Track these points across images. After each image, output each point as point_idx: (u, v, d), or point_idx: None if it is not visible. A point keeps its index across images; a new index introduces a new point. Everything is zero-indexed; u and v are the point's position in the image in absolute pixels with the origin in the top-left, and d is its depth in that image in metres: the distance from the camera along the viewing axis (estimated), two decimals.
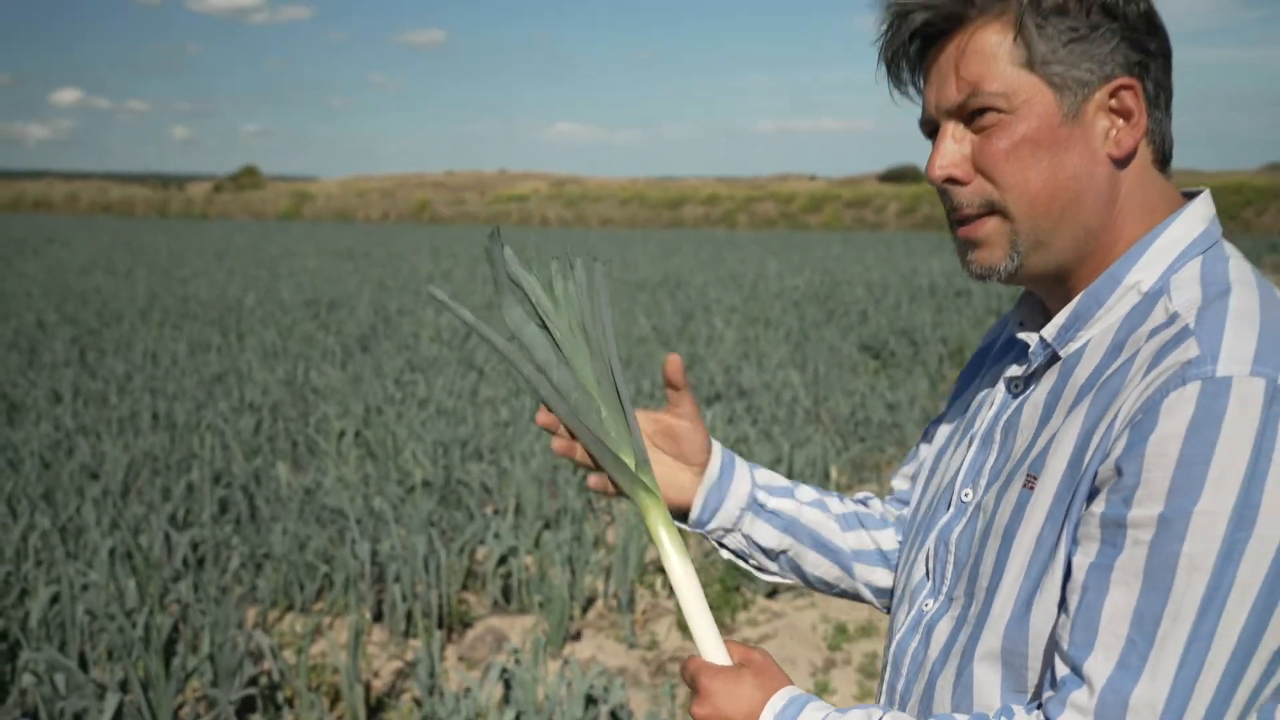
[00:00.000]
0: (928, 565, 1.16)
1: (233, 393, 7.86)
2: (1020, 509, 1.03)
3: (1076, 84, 1.01)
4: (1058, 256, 1.04)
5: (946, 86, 1.05)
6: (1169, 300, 0.99)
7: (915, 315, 12.40)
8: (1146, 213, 1.05)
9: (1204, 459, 0.88)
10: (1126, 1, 1.01)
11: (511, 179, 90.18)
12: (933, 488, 1.22)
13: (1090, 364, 1.03)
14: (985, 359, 1.28)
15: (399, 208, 72.46)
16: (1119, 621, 0.91)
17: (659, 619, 4.61)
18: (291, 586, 4.51)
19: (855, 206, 58.18)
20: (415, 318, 12.60)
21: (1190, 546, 0.88)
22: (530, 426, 6.83)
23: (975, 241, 1.06)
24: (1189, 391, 0.90)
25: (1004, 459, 1.09)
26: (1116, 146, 1.02)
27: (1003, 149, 1.02)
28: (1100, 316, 1.04)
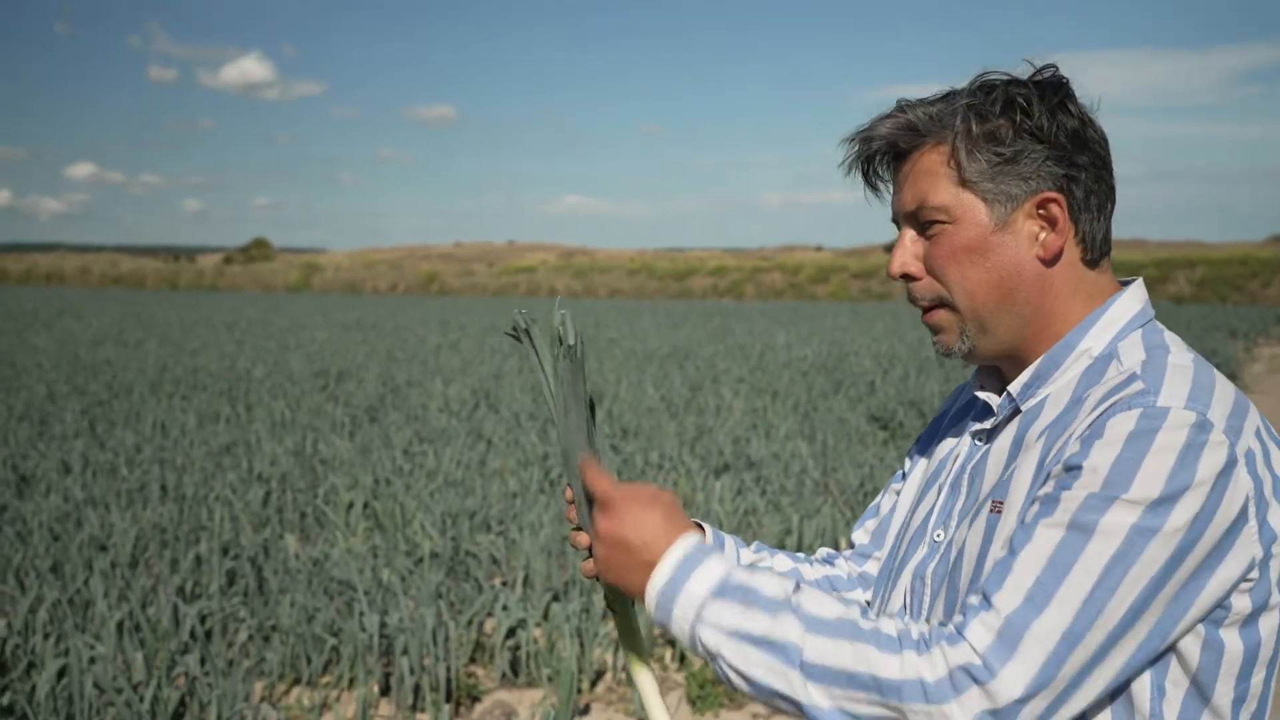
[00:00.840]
0: (905, 600, 1.30)
1: (241, 464, 7.87)
2: (990, 532, 1.18)
3: (1005, 198, 1.20)
4: (1001, 339, 1.25)
5: (904, 198, 1.26)
6: (1119, 363, 1.18)
7: (923, 386, 12.42)
8: (1087, 298, 1.24)
9: (1137, 461, 1.05)
10: (1053, 125, 1.19)
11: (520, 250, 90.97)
12: (907, 533, 1.36)
13: (1050, 414, 1.21)
14: (942, 423, 1.47)
15: (407, 279, 73.00)
16: (1033, 564, 1.06)
17: (669, 693, 4.57)
18: (299, 659, 4.48)
19: (862, 277, 58.47)
20: (423, 389, 12.64)
21: (1110, 518, 1.05)
22: (538, 498, 6.82)
23: (934, 327, 1.28)
24: (1131, 415, 1.08)
25: (972, 500, 1.25)
26: (1044, 249, 1.21)
27: (945, 253, 1.23)
28: (1057, 376, 1.23)
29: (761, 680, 1.09)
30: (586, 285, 65.97)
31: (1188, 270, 51.56)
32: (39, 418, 10.11)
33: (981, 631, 1.04)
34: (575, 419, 1.25)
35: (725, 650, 1.11)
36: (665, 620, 1.14)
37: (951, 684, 1.03)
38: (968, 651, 1.03)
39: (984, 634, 1.04)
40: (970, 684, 1.02)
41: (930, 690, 1.03)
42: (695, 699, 4.41)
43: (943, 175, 1.22)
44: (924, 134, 1.24)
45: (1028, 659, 1.02)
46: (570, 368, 1.25)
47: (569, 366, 1.25)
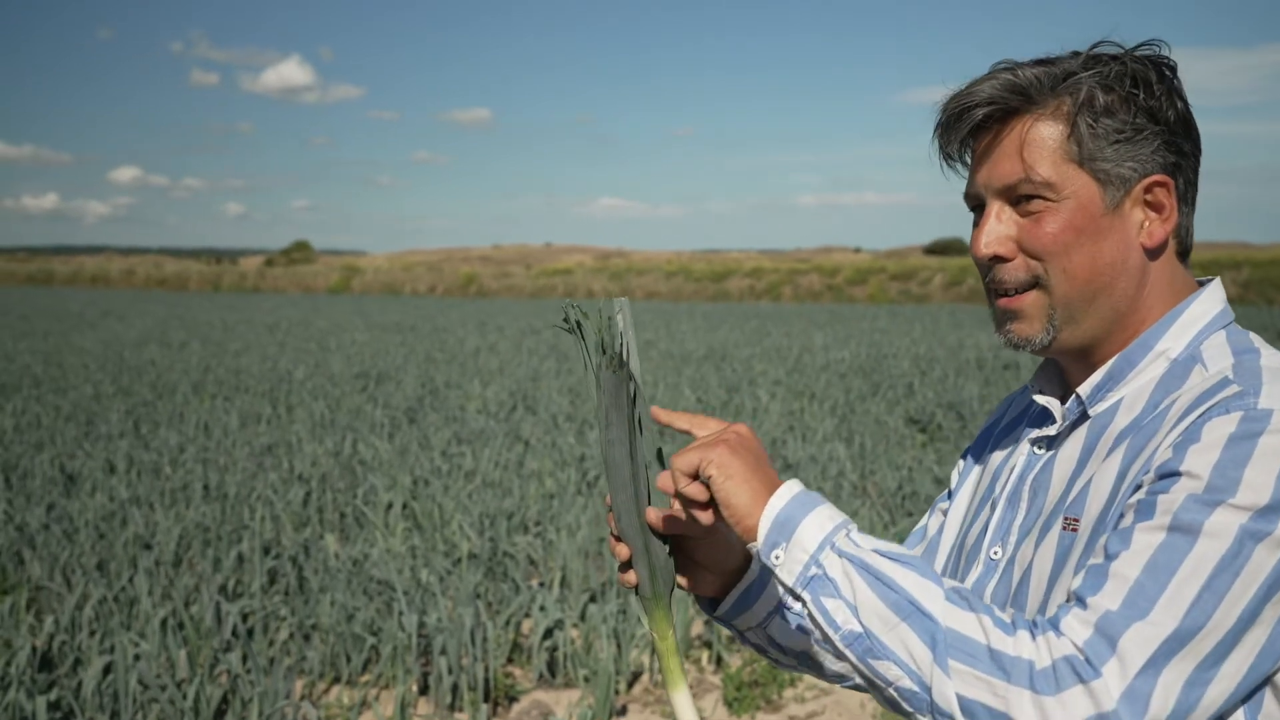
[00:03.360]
0: None
1: (282, 464, 7.95)
2: (1064, 551, 1.09)
3: (1119, 180, 1.12)
4: (1087, 333, 1.15)
5: (999, 169, 1.14)
6: (1204, 368, 1.10)
7: (962, 389, 12.33)
8: (1170, 294, 1.16)
9: (1240, 464, 0.97)
10: (1168, 106, 1.12)
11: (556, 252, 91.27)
12: (962, 553, 1.28)
13: (1125, 420, 1.12)
14: (992, 435, 1.37)
15: (445, 281, 73.40)
16: (1132, 566, 0.97)
17: (705, 694, 4.57)
18: (339, 658, 4.53)
19: (900, 279, 58.12)
20: (462, 390, 12.71)
21: (1216, 519, 0.96)
22: (575, 499, 6.84)
23: (1015, 313, 1.16)
24: (1232, 417, 1.00)
25: (1034, 515, 1.16)
26: (1149, 237, 1.14)
27: (1050, 233, 1.12)
28: (1131, 378, 1.14)
29: (907, 589, 1.00)
30: (623, 287, 66.04)
31: (1233, 271, 50.81)
32: (85, 418, 10.27)
33: (1078, 626, 0.96)
34: (618, 431, 1.16)
35: (869, 557, 1.02)
36: (784, 532, 1.04)
37: (1055, 676, 0.95)
38: (1069, 644, 0.96)
39: (1081, 629, 0.96)
40: (1074, 680, 0.94)
41: (1036, 677, 0.95)
42: (732, 701, 4.41)
43: (1055, 147, 1.12)
44: (1034, 99, 1.13)
45: (1127, 662, 0.94)
46: (613, 379, 1.16)
47: (611, 377, 1.16)
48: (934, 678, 0.98)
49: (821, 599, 1.02)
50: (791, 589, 1.04)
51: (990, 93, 1.13)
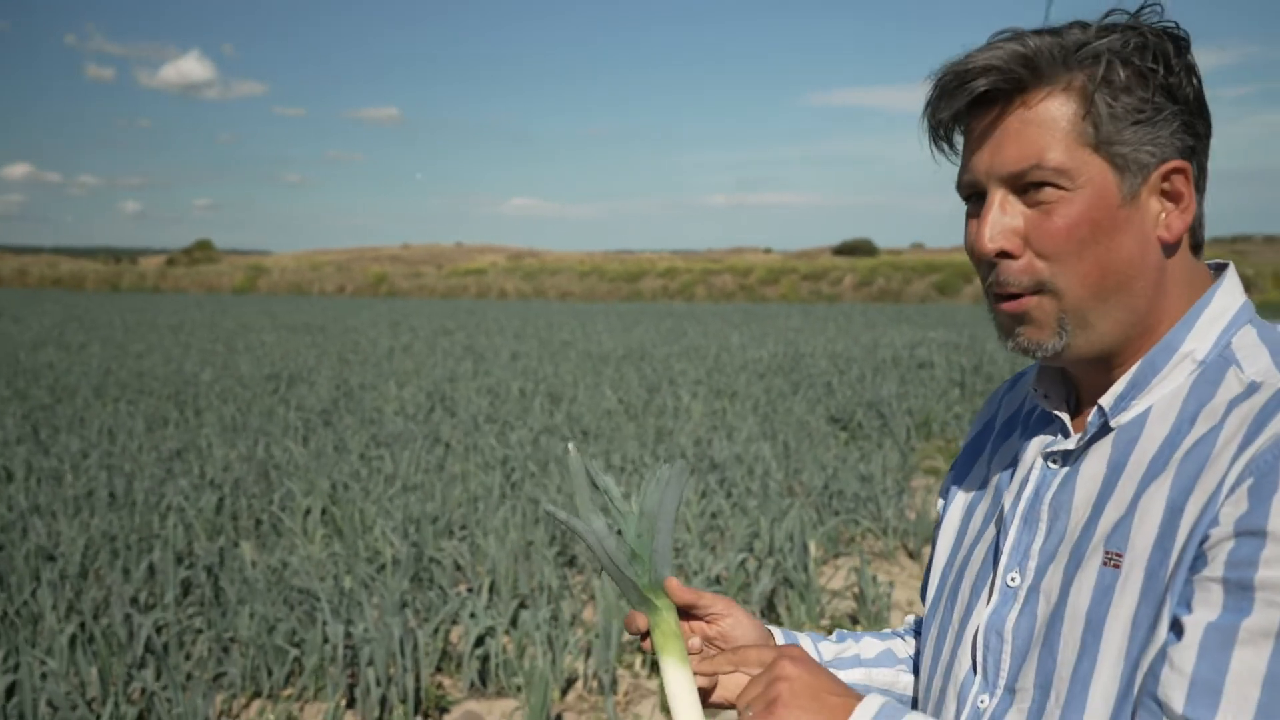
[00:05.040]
0: (974, 658, 1.09)
1: (192, 469, 7.66)
2: (1106, 589, 0.98)
3: (1137, 166, 0.99)
4: (1103, 338, 1.02)
5: (1004, 154, 1.01)
6: (1239, 370, 0.99)
7: (881, 387, 12.43)
8: (1189, 291, 1.04)
9: None
10: (1186, 83, 1.00)
11: (468, 252, 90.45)
12: (964, 580, 1.15)
13: (1158, 433, 1.00)
14: (985, 444, 1.24)
15: (355, 281, 72.24)
16: (1248, 684, 0.86)
17: (641, 700, 4.47)
18: (259, 671, 4.33)
19: (812, 279, 58.77)
20: (378, 392, 12.44)
21: None
22: (503, 502, 6.70)
23: (1021, 317, 1.03)
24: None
25: (1056, 539, 1.05)
26: (1168, 231, 1.01)
27: (1063, 227, 0.99)
28: (1155, 385, 1.02)
29: None
30: (536, 287, 65.72)
31: None
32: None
33: None
34: (664, 539, 1.16)
35: None
36: None
37: None
38: None
39: None
40: None
41: None
42: (668, 707, 4.32)
43: (1068, 129, 0.99)
44: (1044, 73, 0.99)
45: None
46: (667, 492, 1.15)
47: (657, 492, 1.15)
48: None
49: None
50: None
51: (993, 62, 0.99)
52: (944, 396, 11.99)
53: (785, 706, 1.00)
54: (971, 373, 14.08)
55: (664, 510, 1.14)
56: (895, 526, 6.63)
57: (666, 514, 1.14)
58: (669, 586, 1.14)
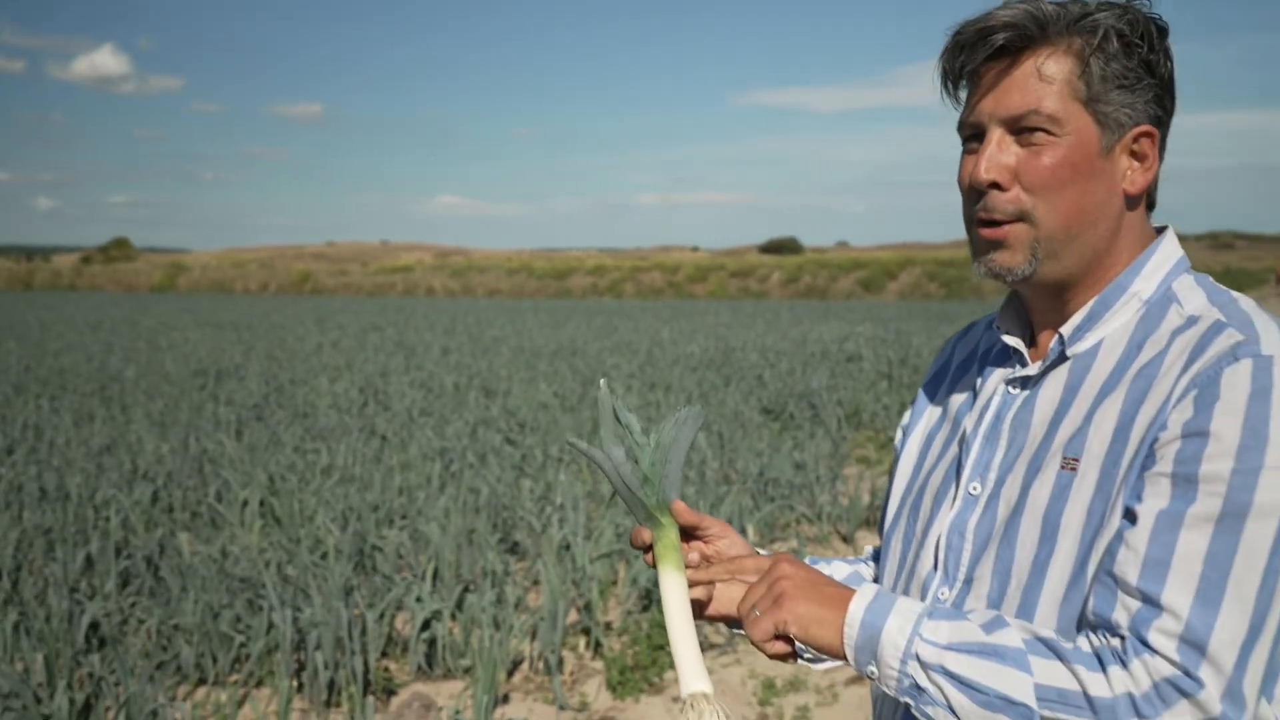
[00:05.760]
0: (938, 558, 1.24)
1: (124, 464, 7.55)
2: (1063, 489, 1.13)
3: (1116, 124, 1.15)
4: (1065, 269, 1.18)
5: (1008, 99, 1.16)
6: (1179, 306, 1.15)
7: (811, 379, 12.64)
8: (1139, 241, 1.21)
9: (1265, 422, 1.02)
10: (1163, 63, 1.17)
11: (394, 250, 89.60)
12: (926, 493, 1.30)
13: (1110, 359, 1.16)
14: (944, 379, 1.39)
15: (279, 279, 71.15)
16: (1192, 561, 1.01)
17: (587, 680, 4.55)
18: (204, 658, 4.33)
19: (740, 276, 59.22)
20: (310, 387, 12.33)
21: (1261, 496, 1.01)
22: (442, 491, 6.72)
23: (999, 243, 1.18)
24: (1242, 367, 1.04)
25: (1015, 452, 1.19)
26: (1132, 184, 1.18)
27: (1048, 166, 1.14)
28: (1107, 319, 1.18)
29: (993, 687, 1.04)
30: (464, 285, 65.33)
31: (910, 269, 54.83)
32: None
33: (1165, 640, 1.00)
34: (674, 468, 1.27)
35: (949, 661, 1.06)
36: (873, 635, 1.10)
37: (1159, 697, 1.00)
38: (1164, 663, 1.00)
39: (1168, 642, 1.00)
40: (1177, 696, 0.99)
41: (1140, 704, 1.00)
42: (615, 685, 4.40)
43: (1064, 84, 1.14)
44: (1050, 33, 1.14)
45: (1220, 664, 0.99)
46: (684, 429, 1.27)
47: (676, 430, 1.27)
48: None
49: (922, 706, 1.08)
50: (895, 697, 1.11)
51: (1013, 19, 1.14)
52: (873, 388, 12.23)
53: (790, 599, 1.13)
54: (899, 365, 14.36)
55: (677, 444, 1.26)
56: (829, 512, 6.78)
57: (679, 448, 1.26)
58: (675, 508, 1.25)
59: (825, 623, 1.13)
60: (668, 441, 1.26)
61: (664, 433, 1.27)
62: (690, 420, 1.27)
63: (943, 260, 56.08)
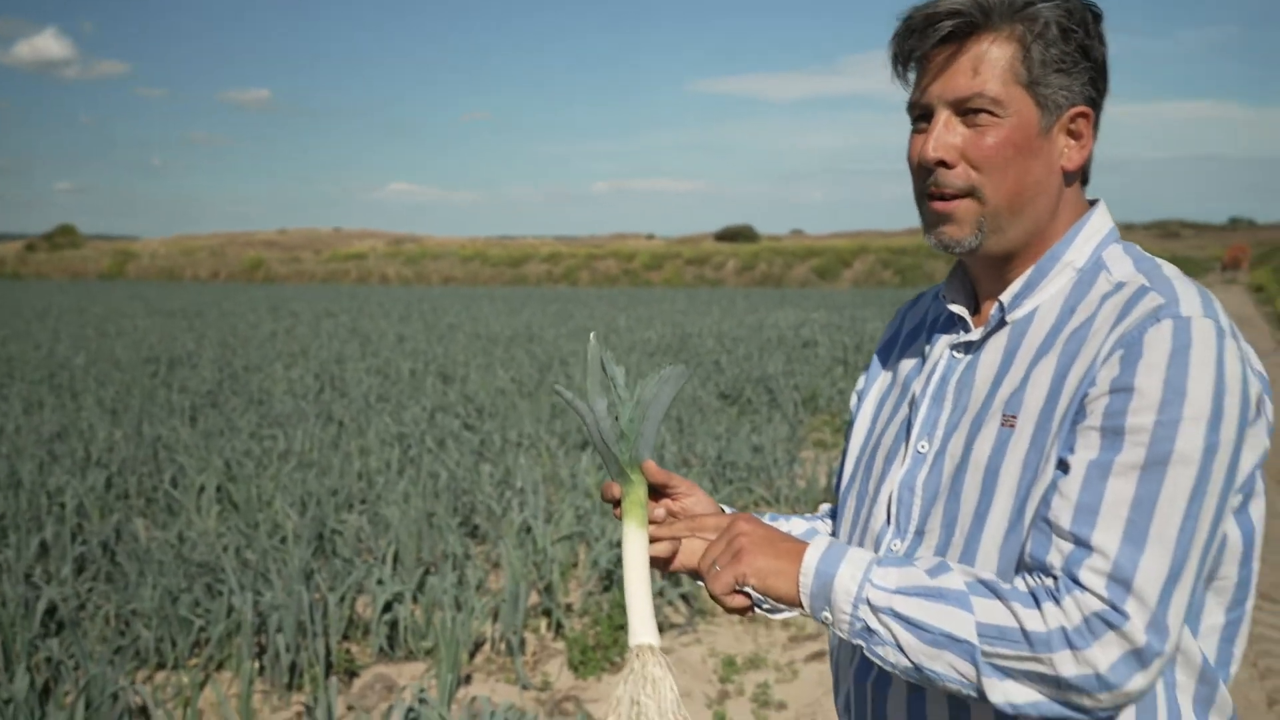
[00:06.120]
0: (890, 513, 1.31)
1: (76, 451, 7.46)
2: (1002, 443, 1.21)
3: (1054, 105, 1.23)
4: (1009, 241, 1.25)
5: (954, 83, 1.23)
6: (1108, 273, 1.23)
7: (768, 365, 12.73)
8: (1074, 214, 1.29)
9: (1183, 378, 1.10)
10: (1098, 47, 1.25)
11: (347, 237, 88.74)
12: (878, 453, 1.38)
13: (1045, 323, 1.24)
14: (894, 347, 1.47)
15: (230, 266, 70.32)
16: (1120, 506, 1.09)
17: (549, 660, 4.57)
18: (164, 643, 4.30)
19: (695, 264, 59.35)
20: (264, 374, 12.22)
21: (1181, 445, 1.09)
22: (403, 474, 6.71)
23: (948, 216, 1.25)
24: (1164, 327, 1.12)
25: (960, 412, 1.27)
26: (1069, 161, 1.25)
27: (992, 146, 1.22)
28: (1043, 287, 1.26)
29: (939, 626, 1.11)
30: (418, 272, 64.93)
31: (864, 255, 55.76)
32: None
33: (1094, 577, 1.08)
34: (651, 426, 1.31)
35: (897, 603, 1.13)
36: (827, 583, 1.17)
37: (1089, 630, 1.07)
38: (1093, 599, 1.07)
39: (1097, 580, 1.08)
40: (1105, 628, 1.07)
41: (1072, 636, 1.08)
42: (577, 664, 4.43)
43: (1007, 68, 1.21)
44: (994, 20, 1.21)
45: (1145, 598, 1.07)
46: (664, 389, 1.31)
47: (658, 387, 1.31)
48: (983, 683, 1.11)
49: (874, 647, 1.16)
50: (849, 641, 1.18)
51: (958, 5, 1.21)
52: (829, 373, 12.34)
53: (748, 553, 1.20)
54: (854, 351, 14.50)
55: (657, 402, 1.30)
56: (787, 494, 6.85)
57: (659, 405, 1.30)
58: (646, 467, 1.31)
59: (782, 574, 1.19)
60: (648, 399, 1.30)
61: (646, 390, 1.31)
62: (673, 379, 1.31)
63: (896, 248, 56.57)
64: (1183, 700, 1.20)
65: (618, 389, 1.31)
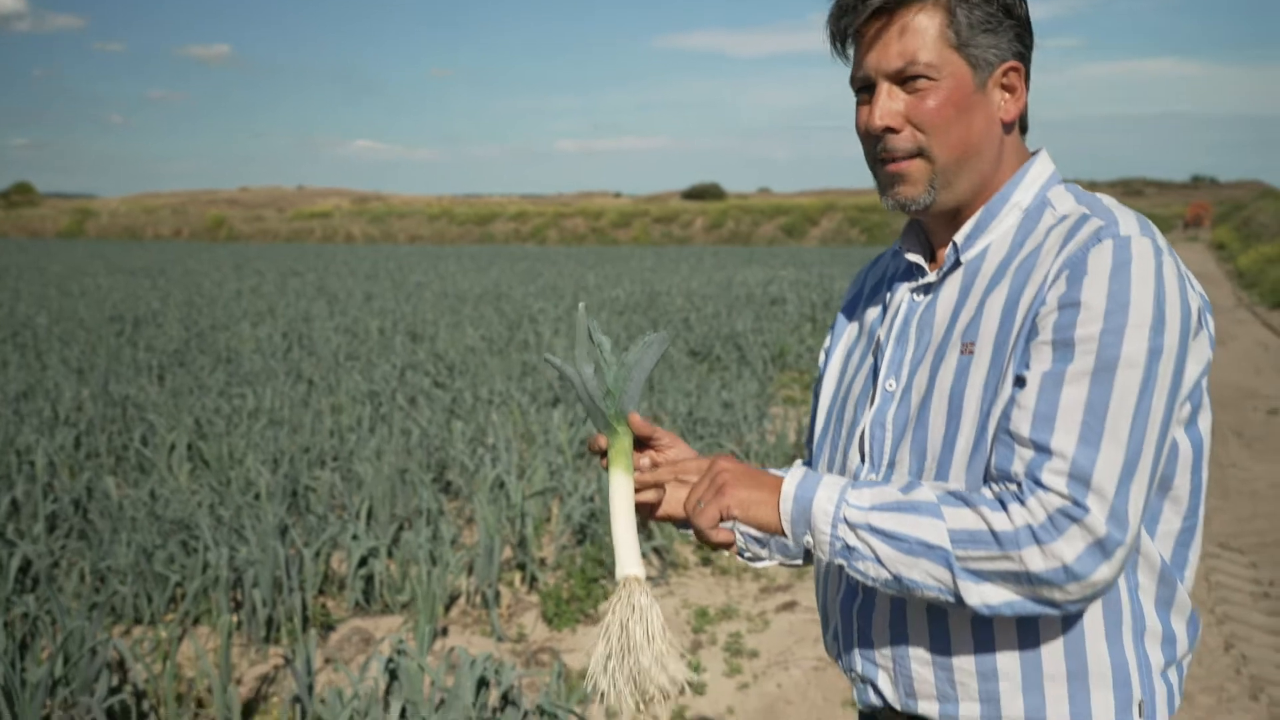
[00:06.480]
0: (864, 451, 1.40)
1: (44, 410, 7.41)
2: (963, 370, 1.30)
3: (985, 63, 1.32)
4: (959, 194, 1.35)
5: (889, 54, 1.31)
6: (1053, 209, 1.33)
7: (737, 322, 12.79)
8: (1017, 161, 1.39)
9: (1126, 290, 1.19)
10: (1019, 4, 1.34)
11: (311, 195, 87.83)
12: (849, 400, 1.47)
13: (996, 258, 1.34)
14: (858, 302, 1.56)
15: (192, 225, 69.42)
16: (1074, 411, 1.18)
17: (524, 613, 4.64)
18: (139, 598, 4.32)
19: (663, 222, 59.21)
20: (231, 332, 12.15)
21: (1127, 349, 1.18)
22: (375, 432, 6.72)
23: (901, 177, 1.34)
24: (1105, 247, 1.22)
25: (922, 349, 1.36)
26: (1006, 113, 1.35)
27: (933, 109, 1.31)
28: (993, 227, 1.35)
29: (913, 535, 1.20)
30: (384, 231, 64.39)
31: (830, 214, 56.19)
32: None
33: (1055, 478, 1.16)
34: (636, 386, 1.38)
35: (873, 519, 1.22)
36: (805, 506, 1.25)
37: (1053, 525, 1.16)
38: (1055, 496, 1.16)
39: (1058, 479, 1.16)
40: (1068, 523, 1.15)
41: (1039, 533, 1.16)
42: (551, 617, 4.49)
43: (937, 34, 1.30)
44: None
45: (1103, 492, 1.16)
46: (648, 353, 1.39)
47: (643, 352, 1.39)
48: (959, 587, 1.20)
49: (854, 563, 1.24)
50: (830, 561, 1.27)
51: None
52: (797, 330, 12.42)
53: (731, 487, 1.28)
54: (822, 308, 14.59)
55: (642, 363, 1.38)
56: (757, 450, 6.92)
57: (644, 366, 1.38)
58: (632, 419, 1.38)
59: (763, 503, 1.27)
60: (632, 361, 1.39)
61: (631, 353, 1.40)
62: (656, 344, 1.39)
63: (864, 206, 56.66)
64: (1145, 600, 1.30)
65: (604, 354, 1.38)
